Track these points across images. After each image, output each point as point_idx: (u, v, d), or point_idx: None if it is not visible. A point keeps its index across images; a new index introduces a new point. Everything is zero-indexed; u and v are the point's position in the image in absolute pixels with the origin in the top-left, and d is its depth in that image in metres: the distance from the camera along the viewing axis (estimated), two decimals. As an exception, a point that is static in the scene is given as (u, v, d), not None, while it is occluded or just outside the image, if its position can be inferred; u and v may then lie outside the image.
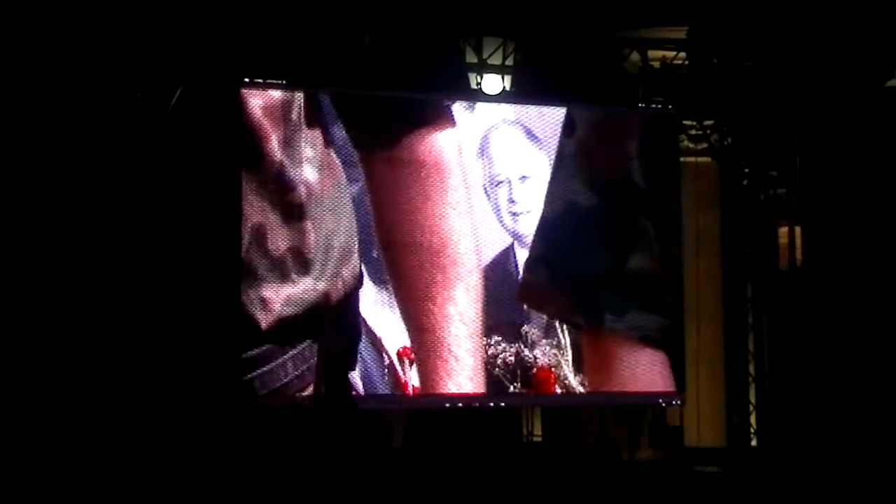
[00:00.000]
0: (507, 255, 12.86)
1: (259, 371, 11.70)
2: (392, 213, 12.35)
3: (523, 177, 12.94)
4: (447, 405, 12.53)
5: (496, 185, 12.84)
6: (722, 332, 14.82)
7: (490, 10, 12.96)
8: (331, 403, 10.09)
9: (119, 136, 11.60)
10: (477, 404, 12.64)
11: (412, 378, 12.36)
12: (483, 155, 12.83)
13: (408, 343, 12.33)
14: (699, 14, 13.80)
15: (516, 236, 12.85)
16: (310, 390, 11.45)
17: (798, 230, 14.13)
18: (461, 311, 12.51)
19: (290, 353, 11.76)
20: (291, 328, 11.82)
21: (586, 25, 13.44)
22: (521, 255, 12.85)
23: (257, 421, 11.55)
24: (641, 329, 13.23)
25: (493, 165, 12.88)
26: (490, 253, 12.74)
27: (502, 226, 12.81)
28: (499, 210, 12.83)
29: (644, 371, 13.26)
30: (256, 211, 11.81)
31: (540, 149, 13.02)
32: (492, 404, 12.71)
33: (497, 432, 12.96)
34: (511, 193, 12.88)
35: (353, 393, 11.69)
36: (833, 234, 13.80)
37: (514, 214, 12.90)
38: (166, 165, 11.70)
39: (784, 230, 14.51)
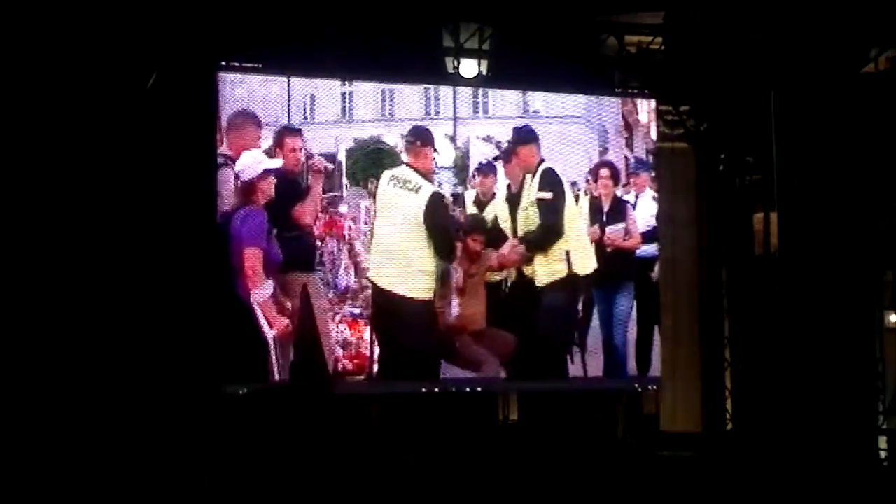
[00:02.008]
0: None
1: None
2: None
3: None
4: (423, 389, 12.84)
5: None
6: (697, 317, 15.08)
7: (466, -6, 13.28)
8: (306, 382, 10.28)
9: (97, 123, 11.78)
10: (453, 389, 12.96)
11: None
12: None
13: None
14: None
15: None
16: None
17: (773, 216, 14.40)
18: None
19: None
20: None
21: (563, 10, 13.72)
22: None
23: (235, 400, 11.77)
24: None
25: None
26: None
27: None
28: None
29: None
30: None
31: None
32: (468, 389, 13.04)
33: (474, 416, 13.25)
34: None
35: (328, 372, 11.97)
36: (808, 220, 14.06)
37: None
38: (142, 148, 11.89)
39: (759, 216, 14.77)
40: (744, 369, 14.78)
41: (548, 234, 13.05)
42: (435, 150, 12.69)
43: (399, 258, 12.48)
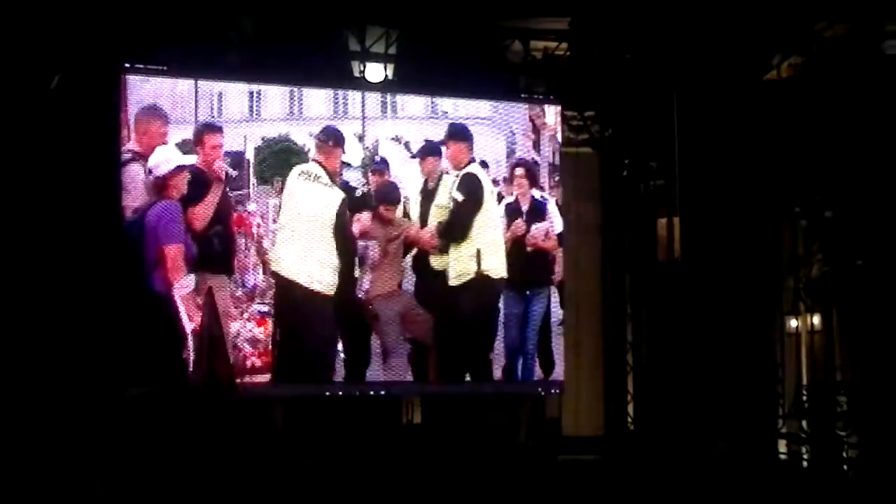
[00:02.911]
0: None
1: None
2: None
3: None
4: (327, 392, 12.99)
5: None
6: (601, 321, 15.35)
7: (372, -2, 13.45)
8: (211, 386, 10.31)
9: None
10: (357, 393, 13.12)
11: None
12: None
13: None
14: (581, 5, 14.36)
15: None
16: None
17: (677, 222, 14.66)
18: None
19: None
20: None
21: (469, 14, 13.92)
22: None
23: (138, 406, 11.80)
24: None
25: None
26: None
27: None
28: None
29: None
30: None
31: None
32: (371, 392, 13.21)
33: (377, 418, 13.39)
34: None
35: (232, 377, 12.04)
36: (711, 226, 14.33)
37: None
38: (46, 150, 11.96)
39: (663, 221, 15.05)
40: (646, 373, 15.05)
41: (451, 231, 13.24)
42: (343, 152, 12.86)
43: (303, 248, 12.57)
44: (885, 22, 14.42)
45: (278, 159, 12.84)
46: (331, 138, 12.77)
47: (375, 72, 13.68)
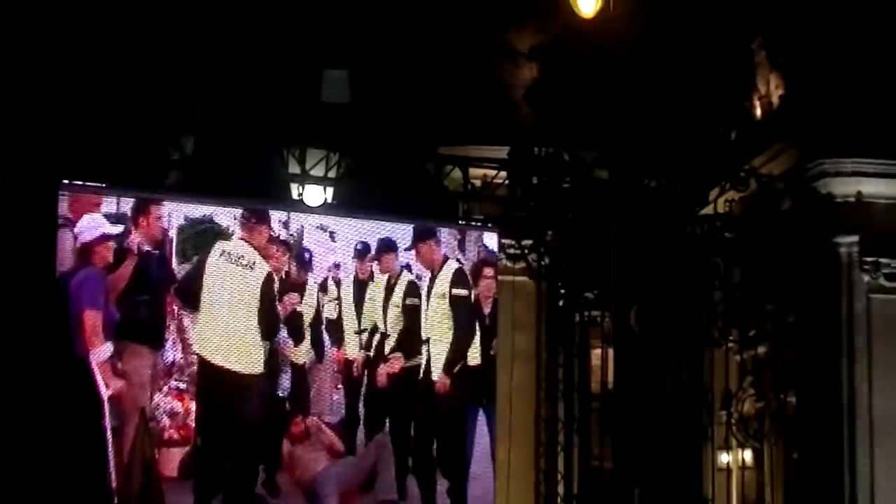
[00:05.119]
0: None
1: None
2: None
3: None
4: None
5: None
6: (534, 449, 15.39)
7: (314, 122, 13.69)
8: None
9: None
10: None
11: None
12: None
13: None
14: (520, 135, 14.76)
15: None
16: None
17: (611, 352, 14.84)
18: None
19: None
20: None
21: (410, 141, 14.23)
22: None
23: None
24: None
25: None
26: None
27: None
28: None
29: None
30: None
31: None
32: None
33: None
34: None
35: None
36: (645, 358, 14.53)
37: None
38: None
39: (597, 352, 15.15)
40: (577, 504, 15.09)
41: (465, 336, 13.89)
42: (270, 228, 13.13)
43: (229, 333, 12.83)
44: (819, 161, 14.85)
45: (201, 239, 13.00)
46: (252, 216, 13.05)
47: (315, 194, 13.82)
